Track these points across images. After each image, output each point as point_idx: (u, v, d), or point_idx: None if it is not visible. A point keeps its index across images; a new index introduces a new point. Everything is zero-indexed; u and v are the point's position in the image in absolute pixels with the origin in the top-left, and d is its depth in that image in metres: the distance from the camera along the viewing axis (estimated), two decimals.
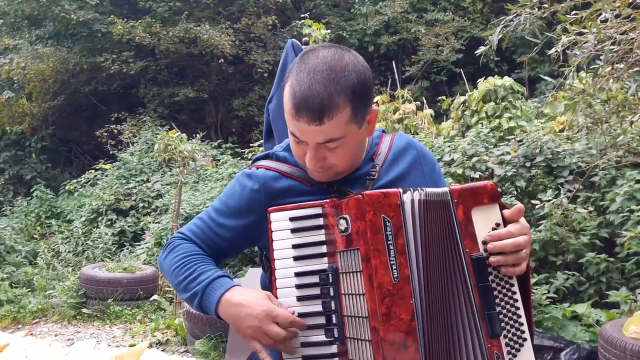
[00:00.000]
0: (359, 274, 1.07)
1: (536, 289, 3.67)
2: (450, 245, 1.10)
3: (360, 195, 1.08)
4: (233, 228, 1.28)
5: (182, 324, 4.43)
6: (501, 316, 1.10)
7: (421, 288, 1.06)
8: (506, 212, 1.14)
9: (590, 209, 4.32)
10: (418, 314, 1.05)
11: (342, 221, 1.11)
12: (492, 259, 1.10)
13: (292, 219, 1.17)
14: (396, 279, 1.04)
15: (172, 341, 4.48)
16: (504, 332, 1.09)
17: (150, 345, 4.39)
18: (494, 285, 1.10)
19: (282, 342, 1.11)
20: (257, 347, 1.13)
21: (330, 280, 1.12)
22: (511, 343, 1.10)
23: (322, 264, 1.15)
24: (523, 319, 1.11)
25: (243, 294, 1.15)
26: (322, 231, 1.16)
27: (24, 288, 5.93)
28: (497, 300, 1.10)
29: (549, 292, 3.72)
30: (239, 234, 1.29)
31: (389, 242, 1.05)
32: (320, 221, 1.16)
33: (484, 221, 1.11)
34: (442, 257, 1.10)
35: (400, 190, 1.09)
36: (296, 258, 1.16)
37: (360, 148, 1.24)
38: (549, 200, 4.32)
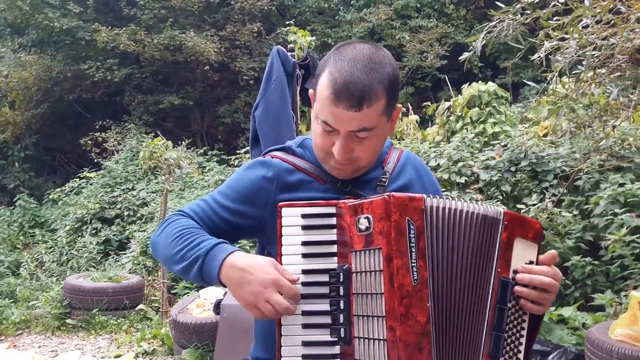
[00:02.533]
0: (377, 273, 1.07)
1: None
2: (484, 260, 1.12)
3: (387, 196, 1.08)
4: (236, 212, 1.26)
5: (168, 333, 4.39)
6: (505, 343, 1.11)
7: (437, 292, 1.08)
8: (542, 255, 1.18)
9: (575, 212, 4.37)
10: (432, 317, 1.06)
11: (363, 220, 1.10)
12: (517, 288, 1.13)
13: (304, 216, 1.16)
14: (416, 281, 1.06)
15: (158, 351, 4.42)
16: (502, 358, 1.11)
17: (137, 356, 4.33)
18: (508, 313, 1.13)
19: (282, 313, 1.10)
20: (258, 314, 1.10)
21: (341, 280, 1.12)
22: None
23: (332, 263, 1.14)
24: (521, 356, 1.13)
25: (249, 258, 1.13)
26: (334, 230, 1.15)
27: (7, 299, 5.82)
28: (506, 328, 1.12)
29: None
30: (242, 220, 1.27)
31: (411, 245, 1.07)
32: (333, 220, 1.16)
33: (521, 254, 1.14)
34: (472, 269, 1.11)
35: (424, 195, 1.11)
36: (305, 255, 1.15)
37: (382, 144, 1.27)
38: (534, 205, 4.36)
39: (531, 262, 1.15)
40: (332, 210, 1.16)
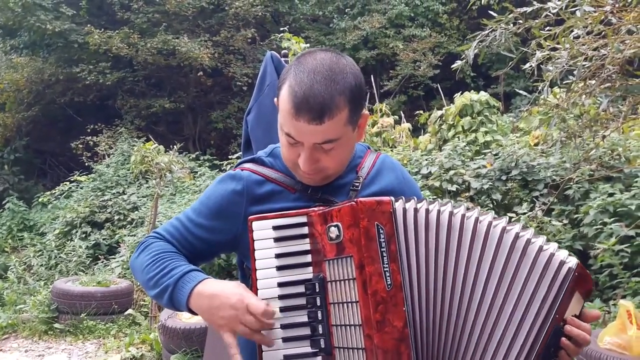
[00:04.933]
0: (351, 281, 1.06)
1: None
2: (546, 300, 1.08)
3: (354, 203, 1.07)
4: (210, 228, 1.25)
5: (157, 338, 4.35)
6: None
7: (415, 294, 1.06)
8: (589, 310, 1.16)
9: (565, 221, 4.40)
10: (411, 321, 1.05)
11: (333, 229, 1.09)
12: (564, 340, 1.10)
13: (275, 228, 1.15)
14: (390, 286, 1.05)
15: (147, 356, 4.39)
16: None
17: None
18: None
19: (258, 332, 1.09)
20: (230, 340, 1.10)
21: (317, 290, 1.11)
22: None
23: (307, 273, 1.13)
24: None
25: (216, 284, 1.13)
26: (307, 240, 1.14)
27: None
28: None
29: None
30: (216, 236, 1.26)
31: (382, 250, 1.06)
32: (305, 230, 1.14)
33: (573, 306, 1.12)
34: (499, 286, 1.07)
35: (392, 198, 1.09)
36: (279, 268, 1.13)
37: (350, 152, 1.25)
38: (524, 213, 4.39)
39: (575, 316, 1.14)
40: (303, 219, 1.15)
